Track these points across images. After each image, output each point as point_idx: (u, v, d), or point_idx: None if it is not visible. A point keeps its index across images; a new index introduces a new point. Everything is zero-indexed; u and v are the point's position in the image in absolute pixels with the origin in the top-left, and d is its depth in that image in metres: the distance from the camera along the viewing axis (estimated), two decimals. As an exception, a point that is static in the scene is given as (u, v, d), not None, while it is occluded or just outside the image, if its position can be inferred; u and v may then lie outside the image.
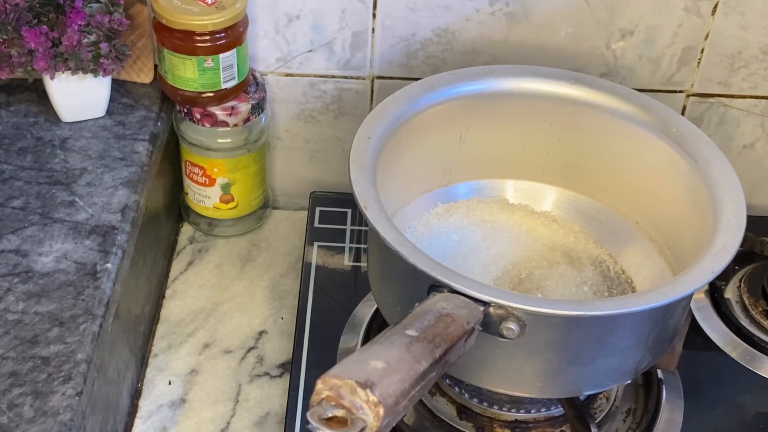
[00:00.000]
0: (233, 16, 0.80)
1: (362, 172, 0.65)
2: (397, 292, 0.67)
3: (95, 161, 0.80)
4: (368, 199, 0.63)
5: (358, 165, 0.66)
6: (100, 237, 0.73)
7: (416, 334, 0.51)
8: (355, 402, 0.46)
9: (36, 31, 0.76)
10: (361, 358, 0.48)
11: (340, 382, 0.46)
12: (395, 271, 0.66)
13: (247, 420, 0.78)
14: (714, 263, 0.61)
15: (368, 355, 0.48)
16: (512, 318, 0.57)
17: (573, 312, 0.59)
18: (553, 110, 0.77)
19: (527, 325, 0.58)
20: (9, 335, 0.65)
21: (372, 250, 0.71)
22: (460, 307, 0.55)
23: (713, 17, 0.85)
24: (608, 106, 0.76)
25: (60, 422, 0.60)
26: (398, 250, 0.60)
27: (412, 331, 0.51)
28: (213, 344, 0.84)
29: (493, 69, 0.78)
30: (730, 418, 0.77)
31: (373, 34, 0.87)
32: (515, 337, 0.58)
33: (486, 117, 0.78)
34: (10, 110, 0.85)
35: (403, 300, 0.66)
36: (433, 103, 0.75)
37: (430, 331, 0.52)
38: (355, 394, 0.46)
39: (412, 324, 0.52)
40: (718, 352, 0.82)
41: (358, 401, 0.46)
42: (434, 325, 0.52)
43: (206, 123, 0.86)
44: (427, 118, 0.74)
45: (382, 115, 0.71)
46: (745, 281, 0.86)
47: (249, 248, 0.94)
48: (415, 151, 0.75)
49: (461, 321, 0.54)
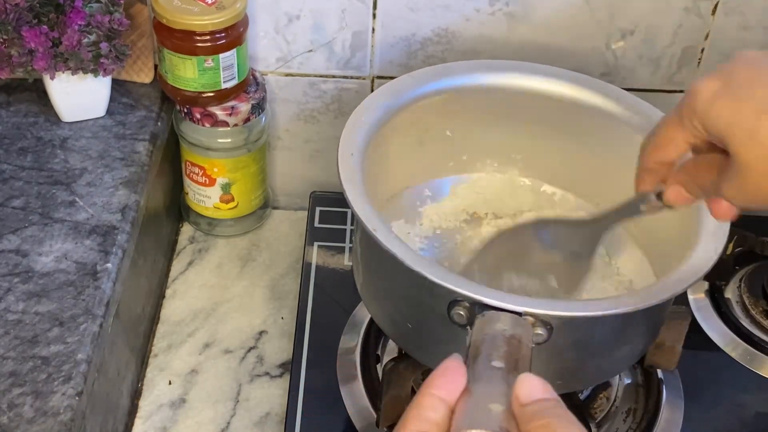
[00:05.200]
0: (233, 16, 0.80)
1: (357, 190, 0.64)
2: (409, 310, 0.66)
3: (95, 161, 0.80)
4: (374, 220, 0.62)
5: (352, 185, 0.64)
6: (100, 237, 0.73)
7: (503, 365, 0.50)
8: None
9: (36, 31, 0.76)
10: (476, 402, 0.46)
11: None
12: (409, 290, 0.64)
13: (247, 420, 0.78)
14: (715, 243, 0.63)
15: (480, 399, 0.46)
16: (539, 323, 0.57)
17: (604, 312, 0.59)
18: (538, 107, 0.77)
19: (554, 328, 0.58)
20: (9, 335, 0.65)
21: (373, 269, 0.69)
22: (515, 325, 0.55)
23: (713, 17, 0.85)
24: (594, 105, 0.76)
25: (60, 422, 0.60)
26: (419, 270, 0.59)
27: (497, 362, 0.50)
28: (213, 344, 0.84)
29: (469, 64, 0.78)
30: (730, 418, 0.77)
31: (373, 34, 0.87)
32: (543, 342, 0.58)
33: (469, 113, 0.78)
34: (10, 110, 0.85)
35: (415, 317, 0.65)
36: (413, 100, 0.74)
37: (511, 358, 0.51)
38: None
39: (490, 354, 0.51)
40: (718, 352, 0.81)
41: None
42: (510, 351, 0.52)
43: (206, 123, 0.86)
44: (406, 117, 0.74)
45: (360, 124, 0.70)
46: (745, 281, 0.86)
47: (249, 248, 0.94)
48: (397, 151, 0.75)
49: (526, 341, 0.54)
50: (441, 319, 0.59)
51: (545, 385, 0.45)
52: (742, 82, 0.50)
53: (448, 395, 0.46)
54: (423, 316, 0.64)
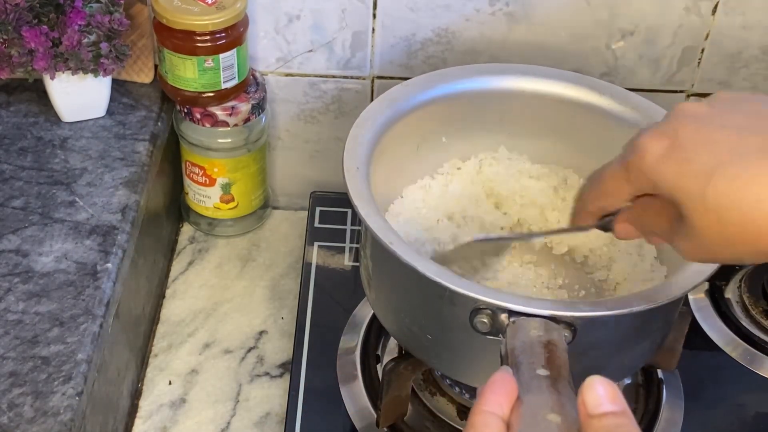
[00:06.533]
0: (233, 16, 0.80)
1: (369, 205, 0.64)
2: (428, 322, 0.65)
3: (95, 161, 0.80)
4: (389, 234, 0.61)
5: (362, 201, 0.64)
6: (100, 237, 0.73)
7: (548, 372, 0.50)
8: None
9: (36, 31, 0.76)
10: (533, 414, 0.45)
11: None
12: (428, 301, 0.64)
13: (247, 420, 0.78)
14: None
15: (536, 410, 0.46)
16: (564, 325, 0.57)
17: (626, 311, 0.58)
18: (535, 108, 0.77)
19: (578, 328, 0.58)
20: (9, 335, 0.65)
21: (387, 283, 0.68)
22: (548, 330, 0.55)
23: (713, 17, 0.85)
24: (599, 105, 0.76)
25: (60, 422, 0.60)
26: (441, 281, 0.58)
27: (542, 370, 0.50)
28: (213, 344, 0.84)
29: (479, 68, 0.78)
30: (730, 418, 0.77)
31: (373, 34, 0.87)
32: (568, 344, 0.58)
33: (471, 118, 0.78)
34: (10, 110, 0.85)
35: (435, 328, 0.65)
36: (409, 110, 0.74)
37: (554, 364, 0.51)
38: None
39: (532, 362, 0.51)
40: (718, 352, 0.81)
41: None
42: (551, 358, 0.52)
43: (206, 123, 0.86)
44: (403, 127, 0.74)
45: (361, 137, 0.70)
46: (745, 281, 0.86)
47: (249, 248, 0.94)
48: (400, 155, 0.75)
49: (562, 344, 0.54)
50: (463, 328, 0.59)
51: (613, 390, 0.44)
52: (687, 144, 0.48)
53: (500, 409, 0.45)
54: (444, 326, 0.63)
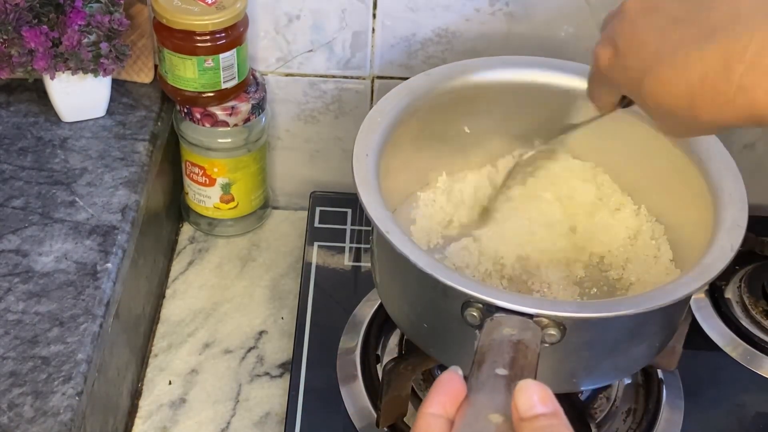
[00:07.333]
0: (233, 16, 0.80)
1: (372, 193, 0.64)
2: (424, 311, 0.66)
3: (95, 161, 0.80)
4: (387, 222, 0.61)
5: (365, 186, 0.64)
6: (100, 237, 0.73)
7: (507, 372, 0.50)
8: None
9: (36, 31, 0.76)
10: (477, 414, 0.45)
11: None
12: (423, 291, 0.64)
13: (247, 420, 0.78)
14: (731, 240, 0.63)
15: (480, 409, 0.46)
16: (552, 324, 0.57)
17: (616, 313, 0.58)
18: (558, 100, 0.77)
19: (567, 328, 0.58)
20: (9, 335, 0.65)
21: (388, 270, 0.69)
22: (523, 329, 0.55)
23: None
24: None
25: (60, 422, 0.60)
26: (431, 273, 0.58)
27: (501, 369, 0.50)
28: (213, 344, 0.84)
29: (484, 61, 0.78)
30: (730, 418, 0.77)
31: (373, 34, 0.87)
32: (556, 342, 0.58)
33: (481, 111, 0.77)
34: (10, 110, 0.85)
35: (430, 317, 0.65)
36: (430, 99, 0.74)
37: (517, 365, 0.51)
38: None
39: (495, 360, 0.51)
40: (718, 352, 0.81)
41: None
42: (516, 358, 0.52)
43: (206, 123, 0.86)
44: (422, 116, 0.74)
45: (375, 125, 0.70)
46: (745, 281, 0.86)
47: (249, 248, 0.94)
48: (411, 151, 0.75)
49: (533, 346, 0.53)
50: (455, 319, 0.59)
51: (545, 392, 0.44)
52: (623, 49, 0.55)
53: (444, 410, 0.45)
54: (438, 316, 0.64)
